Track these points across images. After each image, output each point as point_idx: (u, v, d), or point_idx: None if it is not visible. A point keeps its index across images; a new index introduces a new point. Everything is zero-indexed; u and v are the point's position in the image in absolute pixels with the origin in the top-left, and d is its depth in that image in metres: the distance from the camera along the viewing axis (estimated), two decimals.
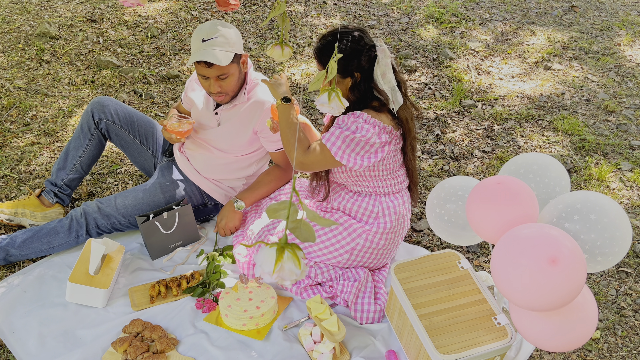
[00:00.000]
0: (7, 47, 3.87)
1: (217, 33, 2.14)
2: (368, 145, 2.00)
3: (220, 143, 2.39)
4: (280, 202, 1.21)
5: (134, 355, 1.88)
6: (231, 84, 2.24)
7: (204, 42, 2.13)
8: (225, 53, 2.14)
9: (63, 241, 2.26)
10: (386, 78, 1.98)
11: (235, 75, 2.23)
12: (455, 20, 4.74)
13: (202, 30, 2.16)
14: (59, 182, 2.48)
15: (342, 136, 1.99)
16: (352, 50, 1.97)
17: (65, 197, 2.51)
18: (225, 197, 2.50)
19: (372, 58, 1.99)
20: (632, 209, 2.82)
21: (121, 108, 2.53)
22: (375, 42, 2.01)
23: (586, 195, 1.77)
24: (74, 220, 2.27)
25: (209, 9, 4.61)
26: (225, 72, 2.18)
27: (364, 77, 2.00)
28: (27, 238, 2.22)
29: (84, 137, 2.49)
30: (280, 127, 2.10)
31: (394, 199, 2.18)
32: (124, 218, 2.32)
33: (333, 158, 2.02)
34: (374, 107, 2.02)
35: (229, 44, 2.16)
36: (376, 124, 1.99)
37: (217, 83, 2.21)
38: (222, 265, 2.29)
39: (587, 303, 1.68)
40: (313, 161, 2.06)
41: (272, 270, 1.22)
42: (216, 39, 2.13)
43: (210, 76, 2.18)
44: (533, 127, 3.44)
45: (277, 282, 1.21)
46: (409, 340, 1.89)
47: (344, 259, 2.16)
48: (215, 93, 2.24)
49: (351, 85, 2.02)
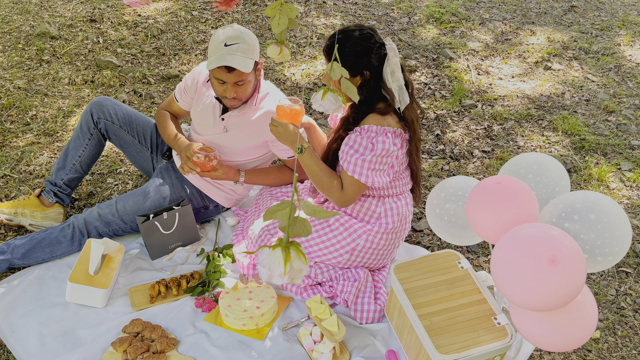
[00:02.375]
0: (7, 47, 3.87)
1: (241, 39, 2.11)
2: (388, 157, 1.99)
3: (226, 149, 2.38)
4: (279, 204, 1.21)
5: (134, 355, 1.88)
6: (247, 91, 2.22)
7: (226, 46, 2.10)
8: (247, 60, 2.12)
9: (66, 250, 2.27)
10: (395, 77, 1.97)
11: (252, 82, 2.22)
12: (455, 20, 4.74)
13: (225, 34, 2.12)
14: (58, 181, 2.47)
15: (365, 163, 1.96)
16: (363, 48, 1.96)
17: (65, 196, 2.50)
18: (226, 199, 2.49)
19: (382, 56, 1.98)
20: (632, 209, 2.82)
21: (120, 108, 2.53)
22: (385, 41, 2.00)
23: (586, 195, 1.77)
24: (76, 230, 2.27)
25: (209, 9, 4.61)
26: (244, 78, 2.16)
27: (373, 75, 1.99)
28: (30, 249, 2.21)
29: (83, 137, 2.48)
30: (308, 175, 2.08)
31: (397, 200, 2.17)
32: (125, 224, 2.33)
33: (364, 185, 2.03)
34: (379, 110, 2.00)
35: (251, 50, 2.13)
36: (386, 130, 1.97)
37: (234, 89, 2.18)
38: (222, 265, 2.29)
39: (587, 303, 1.68)
40: (352, 197, 2.05)
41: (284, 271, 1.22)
42: (240, 44, 2.10)
43: (228, 81, 2.15)
44: (533, 127, 3.44)
45: (289, 282, 1.20)
46: (409, 340, 1.89)
47: (344, 259, 2.16)
48: (230, 98, 2.21)
49: (360, 84, 2.00)
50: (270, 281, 1.22)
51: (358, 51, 1.95)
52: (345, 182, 2.03)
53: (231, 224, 2.51)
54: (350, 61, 1.96)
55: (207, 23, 4.40)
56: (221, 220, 2.55)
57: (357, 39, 1.96)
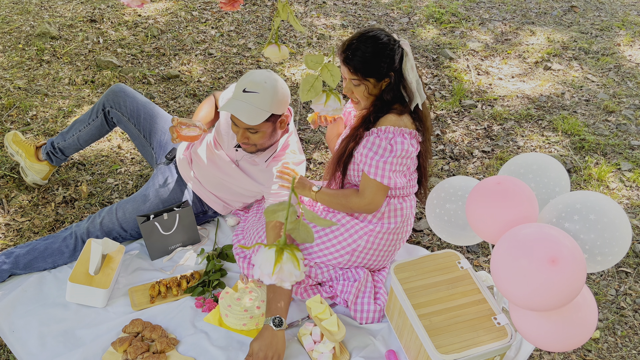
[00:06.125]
0: (7, 47, 3.87)
1: (262, 88, 2.05)
2: (407, 159, 2.00)
3: (231, 177, 2.36)
4: (279, 203, 1.21)
5: (134, 355, 1.88)
6: (260, 139, 2.18)
7: (244, 92, 2.06)
8: (259, 112, 2.07)
9: (68, 260, 2.27)
10: (413, 72, 1.98)
11: (267, 132, 2.17)
12: (455, 20, 4.74)
13: (251, 78, 2.08)
14: (55, 144, 2.63)
15: (386, 165, 1.96)
16: (389, 51, 1.95)
17: (55, 159, 2.66)
18: (224, 208, 2.48)
19: (402, 55, 1.98)
20: (632, 209, 2.83)
21: (132, 100, 2.55)
22: (396, 37, 2.00)
23: (586, 195, 1.77)
24: (79, 240, 2.27)
25: (209, 9, 4.61)
26: (255, 128, 2.13)
27: (396, 76, 1.99)
28: (32, 259, 2.20)
29: (90, 115, 2.60)
30: (329, 207, 2.16)
31: (402, 201, 2.17)
32: (125, 232, 2.33)
33: (387, 187, 2.02)
34: (396, 110, 2.00)
35: (267, 103, 2.07)
36: (403, 131, 1.97)
37: (245, 134, 2.15)
38: (222, 265, 2.29)
39: (587, 303, 1.68)
40: (371, 199, 2.04)
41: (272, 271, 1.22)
42: (257, 94, 2.05)
43: (239, 126, 2.13)
44: (533, 127, 3.44)
45: (277, 283, 1.20)
46: (409, 340, 1.89)
47: (344, 260, 2.16)
48: (242, 142, 2.19)
49: (387, 86, 2.00)
50: (261, 279, 1.22)
51: (385, 55, 1.94)
52: (366, 185, 2.03)
53: (231, 224, 2.51)
54: (379, 67, 1.95)
55: (207, 23, 4.40)
56: (221, 220, 2.55)
57: (381, 44, 1.94)
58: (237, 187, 2.39)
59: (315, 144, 3.25)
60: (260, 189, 2.36)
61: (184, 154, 2.46)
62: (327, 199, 2.14)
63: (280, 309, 1.94)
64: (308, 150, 3.19)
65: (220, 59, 3.96)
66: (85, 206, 2.68)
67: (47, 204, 2.67)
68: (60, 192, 2.74)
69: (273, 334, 1.88)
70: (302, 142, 3.25)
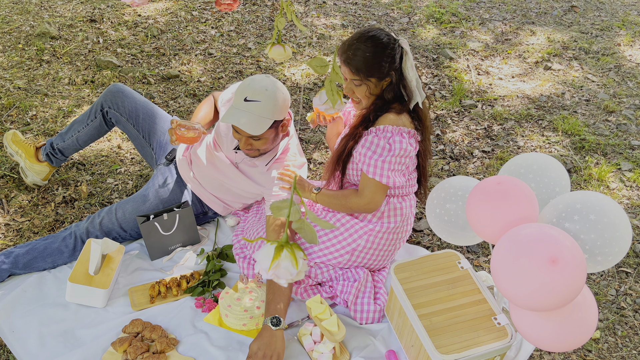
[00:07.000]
0: (7, 47, 3.87)
1: (263, 96, 2.04)
2: (406, 158, 2.00)
3: (230, 179, 2.36)
4: (284, 200, 1.21)
5: (134, 355, 1.88)
6: (264, 145, 2.18)
7: (246, 101, 2.04)
8: (262, 120, 2.06)
9: (67, 260, 2.26)
10: (413, 70, 1.98)
11: (270, 138, 2.17)
12: (455, 20, 4.74)
13: (251, 86, 2.06)
14: (54, 145, 2.62)
15: (385, 164, 1.97)
16: (390, 51, 1.95)
17: (55, 160, 2.65)
18: (224, 209, 2.48)
19: (402, 54, 1.98)
20: (632, 209, 2.83)
21: (130, 100, 2.54)
22: (395, 36, 2.00)
23: (586, 195, 1.77)
24: (78, 240, 2.26)
25: (209, 9, 4.61)
26: (258, 136, 2.13)
27: (397, 75, 1.99)
28: (31, 259, 2.20)
29: (88, 116, 2.58)
30: (330, 208, 2.16)
31: (402, 200, 2.17)
32: (124, 232, 2.33)
33: (386, 186, 2.02)
34: (395, 109, 2.00)
35: (270, 110, 2.06)
36: (401, 130, 1.98)
37: (249, 141, 2.15)
38: (222, 265, 2.29)
39: (587, 303, 1.68)
40: (371, 198, 2.03)
41: (269, 266, 1.23)
42: (259, 102, 2.03)
43: (242, 134, 2.13)
44: (533, 127, 3.44)
45: (273, 279, 1.21)
46: (409, 340, 1.89)
47: (344, 259, 2.16)
48: (245, 149, 2.18)
49: (388, 86, 2.00)
50: (260, 273, 1.23)
51: (386, 55, 1.94)
52: (365, 184, 2.03)
53: (231, 224, 2.51)
54: (381, 67, 1.95)
55: (207, 23, 4.40)
56: (221, 220, 2.55)
57: (381, 44, 1.94)
58: (236, 188, 2.38)
59: (315, 144, 3.24)
60: (261, 191, 2.35)
61: (184, 155, 2.45)
62: (326, 200, 2.14)
63: (279, 310, 1.94)
64: (308, 150, 3.19)
65: (220, 59, 3.96)
66: (85, 206, 2.68)
67: (46, 204, 2.67)
68: (60, 192, 2.74)
69: (272, 333, 1.88)
70: (302, 142, 3.25)
